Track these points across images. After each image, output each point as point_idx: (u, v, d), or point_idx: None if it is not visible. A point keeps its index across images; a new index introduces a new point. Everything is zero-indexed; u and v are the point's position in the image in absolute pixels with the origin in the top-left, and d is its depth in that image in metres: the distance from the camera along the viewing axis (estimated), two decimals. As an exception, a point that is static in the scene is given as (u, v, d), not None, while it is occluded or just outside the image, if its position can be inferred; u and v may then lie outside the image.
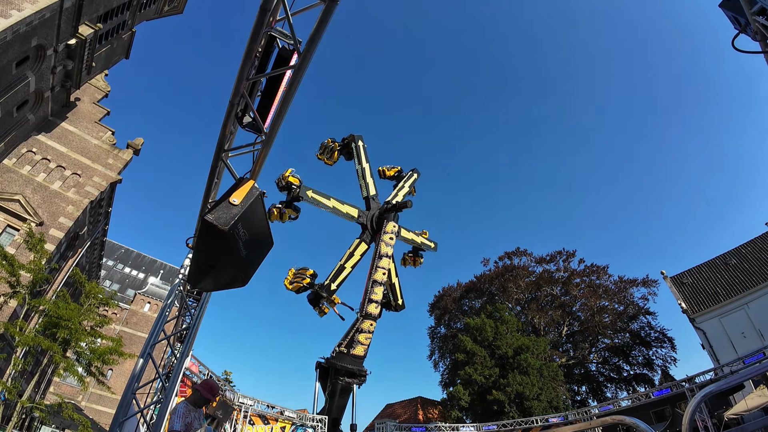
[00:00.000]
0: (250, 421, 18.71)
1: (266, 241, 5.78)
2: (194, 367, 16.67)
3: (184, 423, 5.03)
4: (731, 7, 6.82)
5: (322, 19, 4.14)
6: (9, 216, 22.65)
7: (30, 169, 24.67)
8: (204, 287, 8.83)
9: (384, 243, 18.29)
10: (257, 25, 4.33)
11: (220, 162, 6.20)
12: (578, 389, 40.69)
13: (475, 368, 33.21)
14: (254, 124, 5.57)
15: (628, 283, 39.86)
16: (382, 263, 17.89)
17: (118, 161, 28.78)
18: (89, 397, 44.68)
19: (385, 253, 18.08)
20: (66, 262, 27.77)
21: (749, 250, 28.34)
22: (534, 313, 40.78)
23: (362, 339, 16.64)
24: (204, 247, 5.56)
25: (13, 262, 18.69)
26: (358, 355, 16.47)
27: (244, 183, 5.12)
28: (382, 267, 17.86)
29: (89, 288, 21.62)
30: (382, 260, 17.94)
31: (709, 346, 26.07)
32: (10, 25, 18.08)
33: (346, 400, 17.52)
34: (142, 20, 31.92)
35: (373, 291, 17.55)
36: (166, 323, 9.66)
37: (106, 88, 31.89)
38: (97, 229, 31.06)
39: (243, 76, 4.80)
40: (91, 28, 23.81)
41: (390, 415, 40.29)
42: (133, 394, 7.95)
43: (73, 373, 19.48)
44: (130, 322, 51.63)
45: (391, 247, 18.36)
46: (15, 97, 21.42)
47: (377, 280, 17.69)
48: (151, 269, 67.52)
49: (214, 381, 7.82)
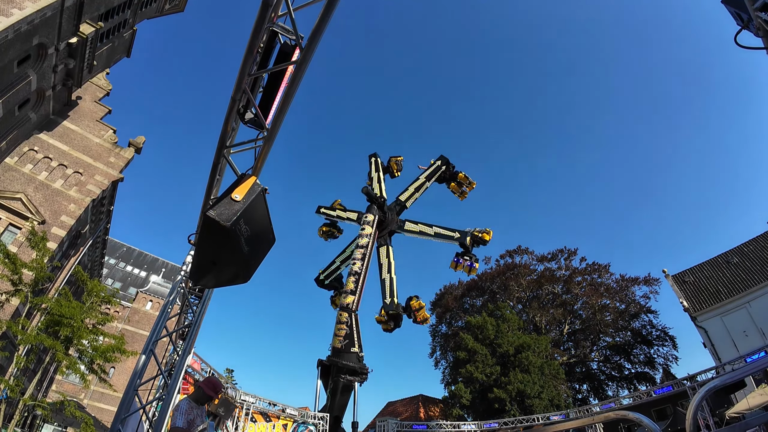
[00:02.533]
0: (252, 418, 18.73)
1: (268, 238, 5.77)
2: (196, 365, 16.70)
3: (186, 420, 5.02)
4: (734, 3, 6.79)
5: (324, 15, 4.13)
6: (11, 214, 22.69)
7: (32, 167, 24.70)
8: (206, 284, 8.84)
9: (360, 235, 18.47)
10: (259, 20, 4.33)
11: (221, 158, 6.19)
12: (579, 387, 40.71)
13: (476, 366, 33.23)
14: (256, 120, 5.56)
15: (630, 281, 39.84)
16: (356, 254, 17.94)
17: (120, 160, 28.82)
18: (91, 395, 44.82)
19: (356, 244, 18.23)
20: (68, 260, 27.83)
21: (751, 248, 28.28)
22: (535, 311, 40.78)
23: (336, 330, 16.75)
24: (206, 243, 5.55)
25: (15, 261, 18.71)
26: (335, 346, 16.55)
27: (246, 179, 5.11)
28: (355, 258, 17.93)
29: (91, 286, 21.64)
30: (358, 251, 17.98)
31: (710, 345, 26.04)
32: (11, 24, 18.07)
33: (348, 398, 17.55)
34: (143, 19, 31.91)
35: (349, 281, 17.62)
36: (168, 320, 9.67)
37: (107, 86, 31.91)
38: (99, 227, 31.12)
39: (245, 72, 4.80)
40: (92, 26, 23.80)
41: (391, 413, 40.32)
42: (136, 390, 7.96)
43: (76, 371, 19.50)
44: (132, 320, 51.75)
45: (366, 238, 18.32)
46: (16, 95, 21.43)
47: (351, 271, 17.75)
48: (152, 267, 67.66)
49: (217, 378, 7.84)
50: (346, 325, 16.72)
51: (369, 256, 18.17)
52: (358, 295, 17.28)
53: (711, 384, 2.89)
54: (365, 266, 17.80)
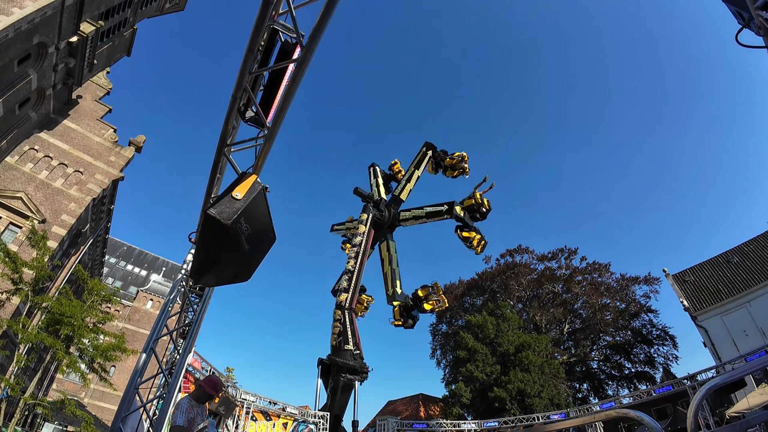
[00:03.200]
0: (253, 417, 18.75)
1: (269, 237, 5.76)
2: (197, 363, 16.71)
3: (187, 418, 5.02)
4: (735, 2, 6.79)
5: (325, 12, 4.12)
6: (11, 213, 22.69)
7: (32, 166, 24.70)
8: (206, 282, 8.84)
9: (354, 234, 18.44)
10: (260, 18, 4.32)
11: (222, 157, 6.18)
12: (579, 387, 40.73)
13: (476, 365, 33.26)
14: (257, 118, 5.56)
15: (630, 280, 39.85)
16: (350, 252, 17.97)
17: (120, 159, 28.82)
18: (92, 394, 44.90)
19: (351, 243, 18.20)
20: (69, 259, 27.84)
21: (751, 248, 28.26)
22: (536, 310, 40.79)
23: (332, 329, 16.86)
24: (206, 241, 5.54)
25: (16, 260, 18.73)
26: (333, 345, 16.67)
27: (247, 178, 5.10)
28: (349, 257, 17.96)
29: (92, 285, 21.66)
30: (352, 250, 18.02)
31: (710, 344, 26.03)
32: (11, 23, 18.06)
33: (348, 397, 17.57)
34: (143, 17, 31.89)
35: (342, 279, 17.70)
36: (169, 319, 9.68)
37: (107, 85, 31.90)
38: (99, 226, 31.13)
39: (245, 70, 4.79)
40: (92, 25, 23.79)
41: (391, 412, 40.34)
42: (136, 388, 7.96)
43: (76, 370, 19.53)
44: (133, 319, 51.80)
45: (360, 236, 18.31)
46: (17, 94, 21.43)
47: (345, 269, 17.79)
48: (153, 266, 67.72)
49: (217, 377, 7.85)
50: (340, 322, 16.81)
51: (362, 254, 18.12)
52: (351, 293, 17.34)
53: (712, 382, 2.89)
54: (358, 264, 17.81)
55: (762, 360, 13.25)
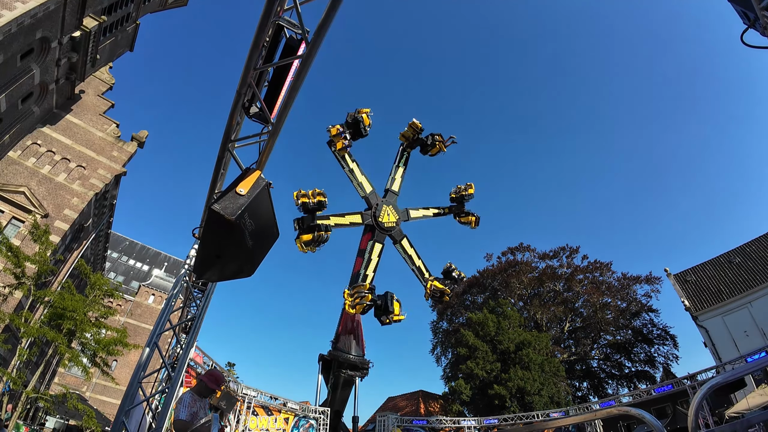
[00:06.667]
0: (254, 412, 18.86)
1: (272, 232, 5.78)
2: (198, 358, 16.79)
3: (189, 412, 5.06)
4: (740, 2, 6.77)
5: (330, 9, 4.12)
6: (14, 208, 22.77)
7: (35, 161, 24.76)
8: (210, 277, 8.87)
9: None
10: (265, 13, 4.32)
11: (226, 152, 6.20)
12: (579, 385, 40.78)
13: (476, 363, 33.31)
14: (261, 114, 5.56)
15: (631, 280, 39.78)
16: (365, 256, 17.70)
17: (123, 154, 28.87)
18: (94, 388, 45.13)
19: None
20: (71, 253, 27.94)
21: (753, 248, 28.19)
22: (536, 308, 40.80)
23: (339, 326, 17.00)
24: (210, 237, 5.56)
25: (18, 254, 18.81)
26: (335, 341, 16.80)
27: (251, 173, 5.11)
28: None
29: (94, 279, 21.76)
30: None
31: (711, 344, 26.02)
32: (14, 17, 18.08)
33: (349, 393, 17.64)
34: (146, 12, 31.86)
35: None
36: (172, 313, 9.72)
37: (110, 80, 31.91)
38: (101, 221, 31.22)
39: (250, 66, 4.80)
40: (95, 20, 23.80)
41: (392, 408, 40.48)
42: (140, 383, 8.02)
43: (78, 364, 19.63)
44: (135, 314, 52.00)
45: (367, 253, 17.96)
46: (20, 89, 21.46)
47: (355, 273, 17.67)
48: (155, 261, 67.91)
49: (219, 371, 7.88)
50: (350, 320, 16.86)
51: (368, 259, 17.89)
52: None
53: (713, 381, 2.90)
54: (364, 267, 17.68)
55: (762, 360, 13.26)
